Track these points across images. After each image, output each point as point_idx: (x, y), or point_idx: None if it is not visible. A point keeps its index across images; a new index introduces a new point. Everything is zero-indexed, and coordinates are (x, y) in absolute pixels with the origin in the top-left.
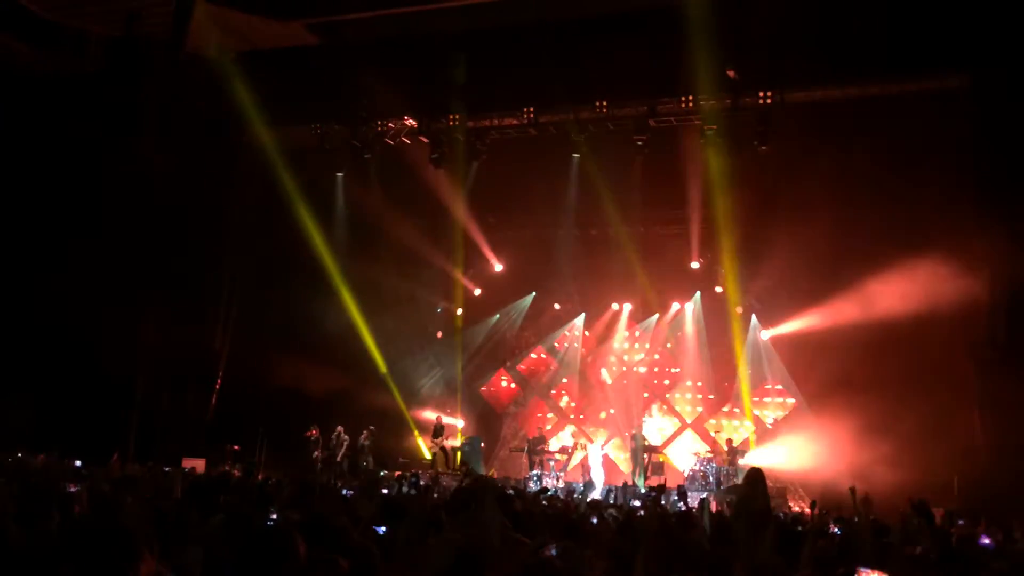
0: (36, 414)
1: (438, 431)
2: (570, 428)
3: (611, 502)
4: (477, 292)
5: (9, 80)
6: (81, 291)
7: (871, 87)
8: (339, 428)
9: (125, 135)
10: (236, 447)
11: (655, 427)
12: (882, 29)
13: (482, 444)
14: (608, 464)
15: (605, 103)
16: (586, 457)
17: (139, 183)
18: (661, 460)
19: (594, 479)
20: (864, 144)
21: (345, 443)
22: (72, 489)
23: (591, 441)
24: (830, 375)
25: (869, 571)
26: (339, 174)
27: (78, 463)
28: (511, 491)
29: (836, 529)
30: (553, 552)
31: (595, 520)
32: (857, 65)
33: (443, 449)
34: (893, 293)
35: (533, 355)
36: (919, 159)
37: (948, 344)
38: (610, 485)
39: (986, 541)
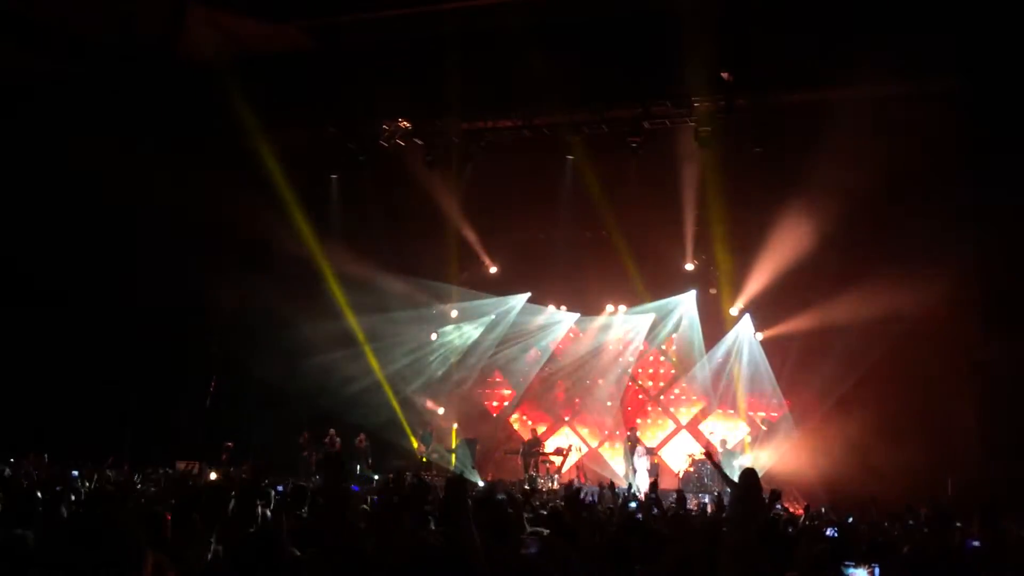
0: (32, 421)
1: (427, 437)
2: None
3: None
4: (472, 294)
5: (3, 84)
6: (76, 293)
7: (866, 89)
8: (331, 431)
9: (120, 138)
10: (230, 444)
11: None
12: (877, 30)
13: (477, 446)
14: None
15: (599, 105)
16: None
17: (134, 187)
18: (655, 462)
19: (638, 483)
20: (859, 146)
21: (338, 446)
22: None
23: (585, 444)
24: (825, 376)
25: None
26: (333, 176)
27: (75, 472)
28: (502, 495)
29: (831, 531)
30: (533, 550)
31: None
32: (852, 67)
33: (429, 457)
34: (888, 294)
35: (528, 357)
36: (914, 161)
37: (943, 345)
38: (594, 486)
39: (975, 543)
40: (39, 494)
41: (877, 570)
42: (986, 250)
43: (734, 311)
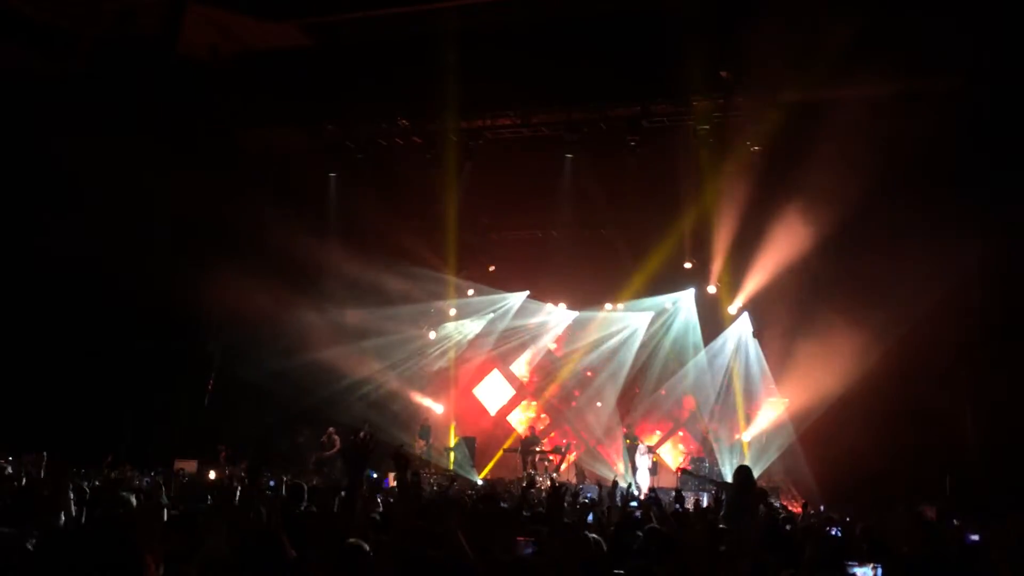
0: (32, 421)
1: (424, 432)
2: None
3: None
4: (470, 292)
5: (3, 84)
6: (75, 293)
7: (866, 88)
8: (330, 429)
9: (116, 137)
10: (226, 448)
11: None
12: (877, 30)
13: (476, 444)
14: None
15: (598, 104)
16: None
17: (133, 186)
18: (654, 460)
19: (639, 480)
20: (857, 145)
21: (337, 444)
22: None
23: (589, 441)
24: (824, 376)
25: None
26: (332, 175)
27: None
28: (504, 499)
29: (835, 531)
30: (529, 551)
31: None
32: (852, 66)
33: (427, 455)
34: (887, 294)
35: (526, 354)
36: (914, 161)
37: (942, 346)
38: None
39: (974, 537)
40: (38, 494)
41: (880, 570)
42: (986, 250)
43: (732, 309)
